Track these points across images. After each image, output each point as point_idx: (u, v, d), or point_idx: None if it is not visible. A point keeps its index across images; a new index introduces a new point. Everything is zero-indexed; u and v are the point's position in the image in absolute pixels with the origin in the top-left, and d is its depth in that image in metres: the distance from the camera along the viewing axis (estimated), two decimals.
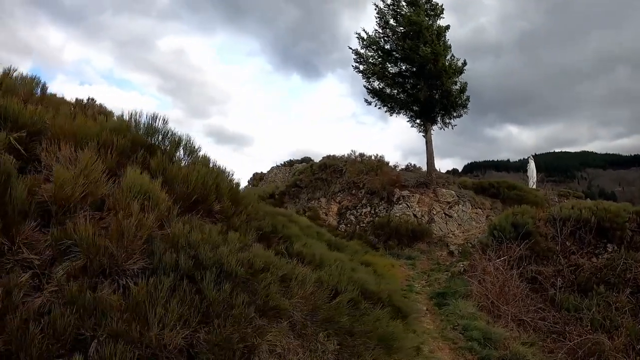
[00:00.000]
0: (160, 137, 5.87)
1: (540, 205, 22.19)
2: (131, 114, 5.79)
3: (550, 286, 12.71)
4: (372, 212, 21.13)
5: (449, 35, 21.38)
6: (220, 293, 3.54)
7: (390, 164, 24.54)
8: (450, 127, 23.76)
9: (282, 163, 40.33)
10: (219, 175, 5.80)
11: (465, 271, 14.26)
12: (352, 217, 22.32)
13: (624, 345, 8.17)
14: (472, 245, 18.15)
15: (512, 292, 10.95)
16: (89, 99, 7.98)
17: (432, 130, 23.32)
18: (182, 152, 6.05)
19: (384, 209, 20.67)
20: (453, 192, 20.79)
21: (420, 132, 23.74)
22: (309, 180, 27.38)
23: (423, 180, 21.55)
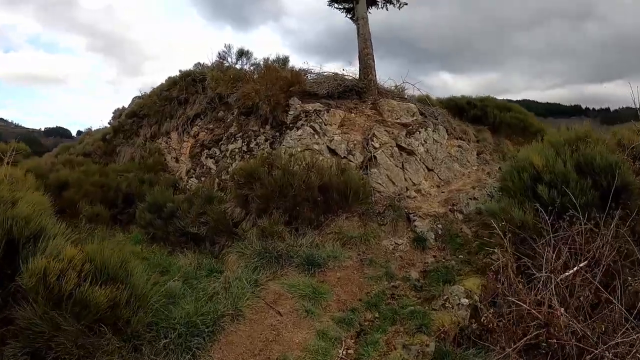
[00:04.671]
0: None
1: None
2: None
3: None
4: (246, 149, 10.46)
5: None
6: None
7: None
8: (398, 5, 13.54)
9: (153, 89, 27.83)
10: None
11: (476, 320, 4.24)
12: (210, 162, 11.69)
13: None
14: (463, 216, 8.20)
15: None
16: None
17: (368, 10, 12.84)
18: None
19: (266, 140, 10.04)
20: (413, 105, 10.45)
21: (348, 16, 13.44)
22: (153, 103, 16.08)
23: (352, 85, 11.00)
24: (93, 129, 23.93)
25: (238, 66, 14.96)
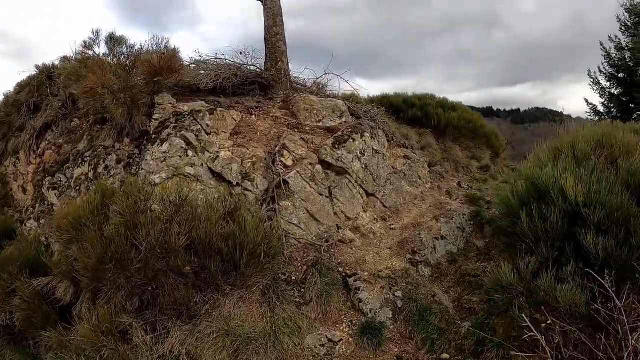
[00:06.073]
0: None
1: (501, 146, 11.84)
2: None
3: None
4: (93, 175, 6.89)
5: None
6: None
7: None
8: None
9: (4, 94, 22.81)
10: None
11: None
12: (53, 195, 8.04)
13: None
14: (432, 270, 5.15)
15: None
16: None
17: None
18: None
19: (118, 162, 6.52)
20: (341, 102, 7.34)
21: None
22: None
23: (254, 76, 7.72)
24: None
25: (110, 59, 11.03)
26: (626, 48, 14.04)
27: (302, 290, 4.53)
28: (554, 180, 3.76)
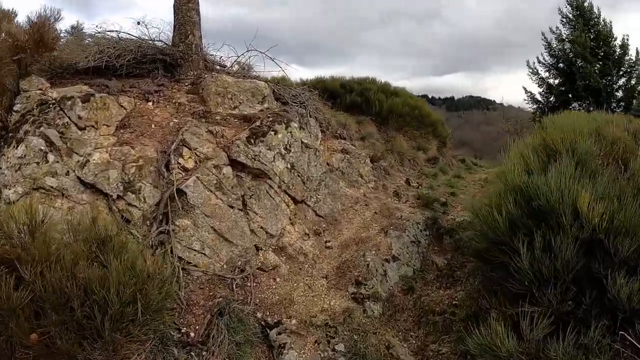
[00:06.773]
0: None
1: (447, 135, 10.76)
2: None
3: None
4: None
5: None
6: None
7: None
8: None
9: None
10: None
11: None
12: None
13: None
14: (382, 306, 3.90)
15: None
16: None
17: None
18: None
19: None
20: (262, 84, 5.96)
21: None
22: None
23: (156, 52, 6.19)
24: None
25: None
26: (566, 40, 14.18)
27: (204, 353, 3.20)
28: (561, 195, 2.63)
